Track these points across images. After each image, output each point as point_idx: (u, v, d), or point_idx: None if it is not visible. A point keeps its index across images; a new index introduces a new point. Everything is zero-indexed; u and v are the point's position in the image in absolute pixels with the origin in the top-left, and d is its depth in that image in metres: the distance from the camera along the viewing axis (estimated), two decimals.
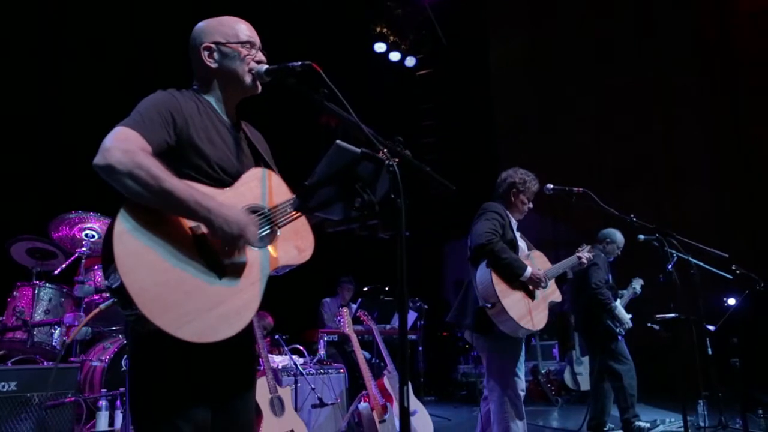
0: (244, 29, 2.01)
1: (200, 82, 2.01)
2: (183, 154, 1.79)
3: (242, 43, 1.98)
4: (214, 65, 1.97)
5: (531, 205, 3.84)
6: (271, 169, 2.03)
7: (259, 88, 2.01)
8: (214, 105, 1.99)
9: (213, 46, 1.96)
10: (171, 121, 1.79)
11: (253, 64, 1.97)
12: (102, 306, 1.52)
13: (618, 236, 5.62)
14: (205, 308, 1.63)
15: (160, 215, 1.66)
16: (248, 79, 1.98)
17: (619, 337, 5.27)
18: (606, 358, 5.25)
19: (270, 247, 1.87)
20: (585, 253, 3.97)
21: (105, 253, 1.56)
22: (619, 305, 5.33)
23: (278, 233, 1.90)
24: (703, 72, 8.66)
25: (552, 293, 3.73)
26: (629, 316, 5.33)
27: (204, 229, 1.70)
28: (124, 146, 1.62)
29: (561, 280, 3.91)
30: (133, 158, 1.61)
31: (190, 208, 1.66)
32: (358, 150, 1.61)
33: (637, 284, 5.61)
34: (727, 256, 4.03)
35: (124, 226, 1.59)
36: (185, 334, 1.56)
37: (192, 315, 1.59)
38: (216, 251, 1.71)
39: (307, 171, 1.72)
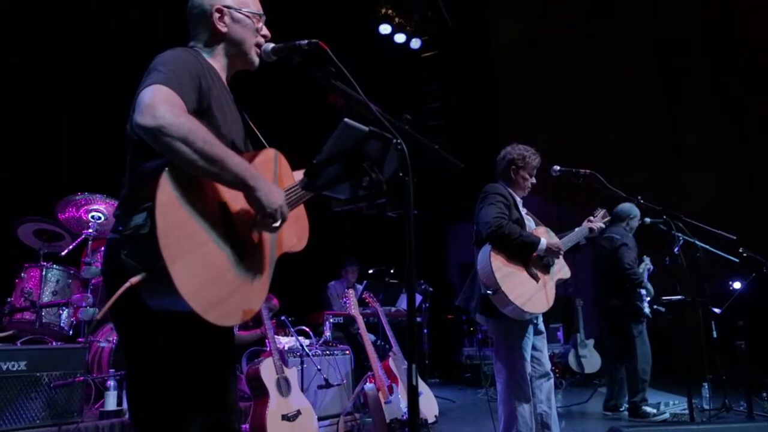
0: (254, 0, 1.97)
1: (204, 45, 1.90)
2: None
3: (254, 14, 1.93)
4: (224, 29, 1.89)
5: (534, 180, 3.73)
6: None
7: (257, 65, 1.97)
8: (219, 72, 1.90)
9: (225, 9, 1.88)
10: (198, 86, 1.69)
11: (260, 39, 1.93)
12: (133, 279, 1.45)
13: (635, 209, 5.60)
14: (230, 291, 1.60)
15: (196, 187, 1.56)
16: (254, 53, 1.93)
17: (643, 320, 5.31)
18: (629, 339, 5.27)
19: (278, 232, 1.85)
20: (598, 222, 3.83)
21: (136, 218, 1.43)
22: (648, 284, 5.40)
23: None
24: (708, 54, 8.58)
25: (560, 270, 3.63)
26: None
27: (235, 204, 1.65)
28: (174, 109, 1.51)
29: (574, 249, 3.82)
30: (186, 122, 1.50)
31: (239, 176, 1.57)
32: (366, 128, 1.60)
33: (647, 261, 5.63)
34: (735, 238, 4.01)
35: (169, 194, 1.48)
36: (212, 317, 1.49)
37: (220, 297, 1.55)
38: (240, 232, 1.67)
39: (312, 151, 1.71)
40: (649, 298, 5.39)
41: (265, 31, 1.96)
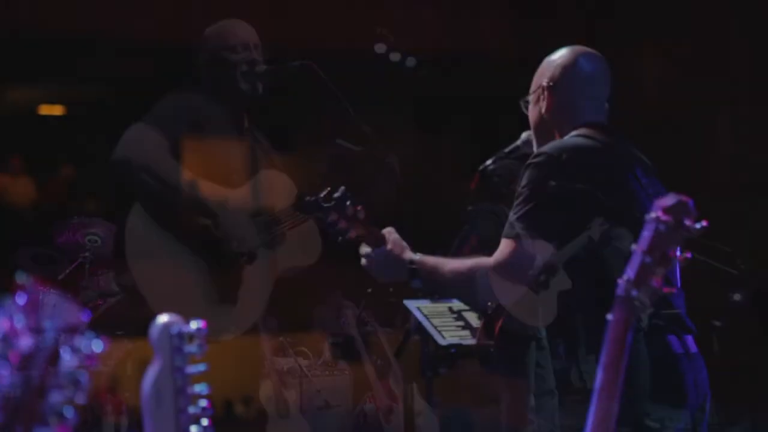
0: (235, 32, 2.02)
1: (207, 84, 2.05)
2: (194, 152, 1.79)
3: (231, 47, 1.98)
4: (208, 71, 2.04)
5: None
6: (275, 168, 2.04)
7: (260, 89, 2.00)
8: (223, 107, 1.99)
9: (207, 54, 2.02)
10: (186, 119, 1.83)
11: (243, 68, 1.97)
12: (110, 300, 1.56)
13: None
14: (205, 312, 1.63)
15: (169, 214, 1.67)
16: (243, 83, 1.97)
17: (640, 332, 5.27)
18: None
19: (275, 250, 1.89)
20: (596, 227, 3.84)
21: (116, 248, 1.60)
22: None
23: (285, 235, 1.91)
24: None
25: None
26: None
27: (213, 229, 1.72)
28: (144, 145, 1.67)
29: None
30: (152, 155, 1.65)
31: (205, 205, 1.71)
32: (357, 148, 1.61)
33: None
34: (729, 251, 3.99)
35: (135, 221, 1.62)
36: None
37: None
38: (222, 251, 1.72)
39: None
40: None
41: (252, 56, 1.99)
